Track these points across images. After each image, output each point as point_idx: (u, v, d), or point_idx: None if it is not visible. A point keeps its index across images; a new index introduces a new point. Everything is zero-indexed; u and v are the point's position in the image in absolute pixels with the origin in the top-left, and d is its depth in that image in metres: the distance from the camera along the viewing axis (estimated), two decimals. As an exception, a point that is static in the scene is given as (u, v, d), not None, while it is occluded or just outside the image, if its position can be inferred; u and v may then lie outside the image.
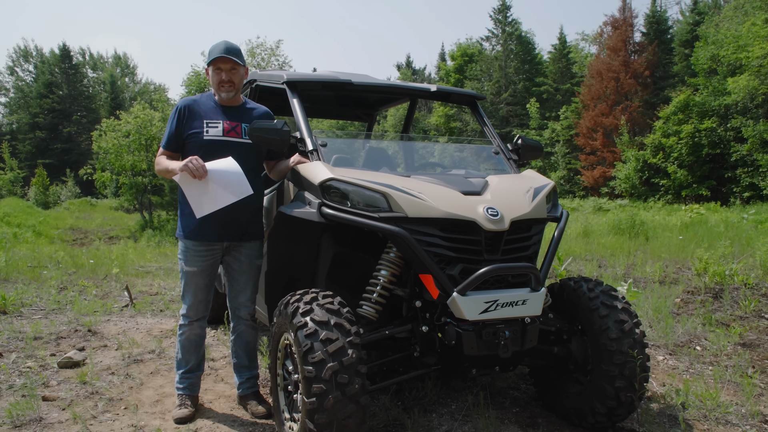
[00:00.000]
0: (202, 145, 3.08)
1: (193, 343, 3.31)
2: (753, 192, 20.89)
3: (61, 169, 40.41)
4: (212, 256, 3.20)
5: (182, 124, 3.12)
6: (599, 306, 2.92)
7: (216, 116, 3.15)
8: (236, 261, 3.28)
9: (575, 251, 9.42)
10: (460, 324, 2.61)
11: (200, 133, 3.09)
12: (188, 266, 3.18)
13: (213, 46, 3.13)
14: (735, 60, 21.35)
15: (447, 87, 3.97)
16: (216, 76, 3.12)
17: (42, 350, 4.40)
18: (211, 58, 3.08)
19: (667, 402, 3.40)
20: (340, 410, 2.32)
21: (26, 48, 54.50)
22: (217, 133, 3.11)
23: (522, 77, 38.63)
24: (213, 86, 3.19)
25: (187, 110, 3.14)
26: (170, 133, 3.13)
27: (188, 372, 3.33)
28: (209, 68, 3.14)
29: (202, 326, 3.33)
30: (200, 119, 3.12)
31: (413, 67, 55.50)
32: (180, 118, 3.12)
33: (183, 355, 3.32)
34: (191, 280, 3.20)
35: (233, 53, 3.09)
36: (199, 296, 3.23)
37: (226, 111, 3.19)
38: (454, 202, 2.67)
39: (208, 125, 3.10)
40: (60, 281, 7.50)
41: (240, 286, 3.32)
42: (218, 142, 3.10)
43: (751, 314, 5.33)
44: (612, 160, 27.69)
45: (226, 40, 3.14)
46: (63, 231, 19.58)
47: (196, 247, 3.15)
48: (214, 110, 3.17)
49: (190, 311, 3.25)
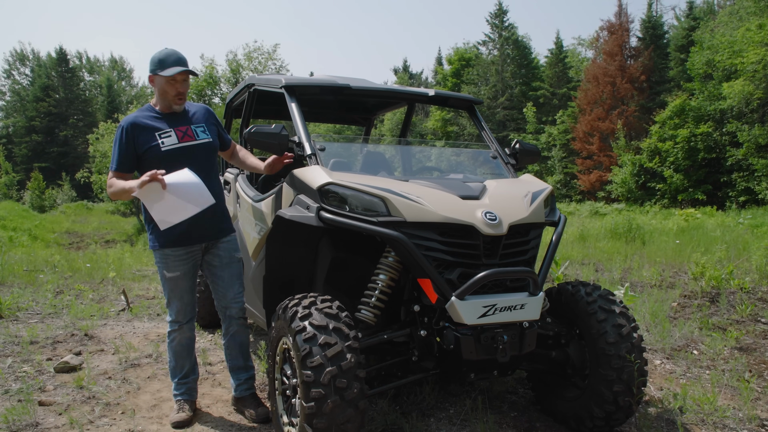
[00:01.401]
0: (161, 157, 3.01)
1: (185, 347, 3.30)
2: (749, 196, 21.03)
3: (57, 172, 40.34)
4: (193, 258, 3.20)
5: (132, 142, 3.01)
6: (597, 310, 2.93)
7: (164, 126, 3.08)
8: (216, 258, 3.26)
9: (572, 255, 9.43)
10: (458, 328, 2.61)
11: (156, 146, 3.02)
12: (170, 272, 3.16)
13: (164, 56, 3.00)
14: (730, 65, 21.49)
15: (444, 91, 3.98)
16: (171, 88, 3.04)
17: (38, 355, 4.37)
18: (171, 72, 2.98)
19: (664, 406, 3.40)
20: (338, 415, 2.31)
21: (23, 51, 54.50)
22: (172, 142, 3.05)
23: (519, 81, 38.80)
24: (165, 97, 3.08)
25: (134, 128, 3.01)
26: (121, 154, 3.01)
27: (184, 378, 3.32)
28: (159, 78, 3.02)
29: (192, 328, 3.33)
30: (150, 132, 3.04)
31: (410, 72, 55.72)
32: (128, 136, 3.01)
33: (176, 361, 3.30)
34: (176, 285, 3.19)
35: (186, 64, 3.03)
36: (185, 299, 3.24)
37: (169, 119, 3.12)
38: (452, 207, 2.68)
39: (161, 136, 3.04)
40: (56, 285, 7.48)
41: (225, 282, 3.29)
42: (177, 150, 3.05)
43: (747, 318, 5.34)
44: (608, 164, 27.81)
45: (174, 48, 3.06)
46: (59, 235, 19.54)
47: (175, 252, 3.12)
48: (159, 121, 3.09)
49: (179, 315, 3.25)
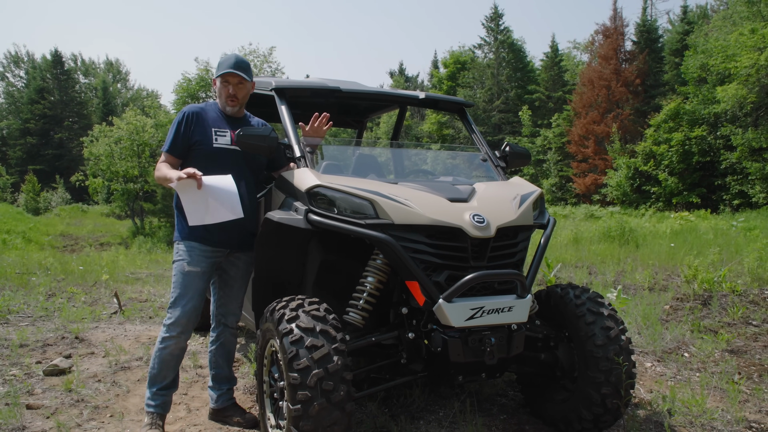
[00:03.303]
0: (210, 153, 3.03)
1: (175, 357, 3.06)
2: (742, 200, 21.13)
3: (51, 175, 40.14)
4: (216, 259, 3.10)
5: (189, 130, 3.04)
6: (586, 313, 2.93)
7: (223, 125, 3.12)
8: (234, 267, 3.22)
9: (565, 258, 9.45)
10: (446, 331, 2.61)
11: (209, 141, 3.05)
12: (191, 266, 2.99)
13: (223, 59, 3.10)
14: (724, 69, 21.60)
15: (435, 94, 3.99)
16: (224, 89, 3.11)
17: (27, 358, 4.35)
18: (221, 72, 3.06)
19: (653, 408, 3.41)
20: (325, 417, 2.31)
21: (17, 53, 54.28)
22: (225, 142, 3.08)
23: (514, 85, 38.86)
24: (220, 98, 3.16)
25: (195, 117, 3.06)
26: (175, 138, 3.03)
27: (163, 389, 3.06)
28: (217, 80, 3.12)
29: (188, 339, 3.09)
30: (208, 127, 3.07)
31: (406, 75, 55.70)
32: (188, 123, 3.04)
33: (160, 370, 3.04)
34: (191, 283, 2.99)
35: (242, 68, 3.07)
36: (195, 301, 3.01)
37: (230, 121, 3.17)
38: (440, 209, 2.68)
39: (216, 134, 3.07)
40: (48, 288, 7.45)
41: (233, 293, 3.26)
42: (227, 150, 3.07)
43: (738, 321, 5.37)
44: (603, 167, 27.87)
45: (237, 54, 3.14)
46: (53, 237, 19.47)
47: (201, 247, 3.02)
48: (220, 120, 3.14)
49: (182, 319, 2.98)
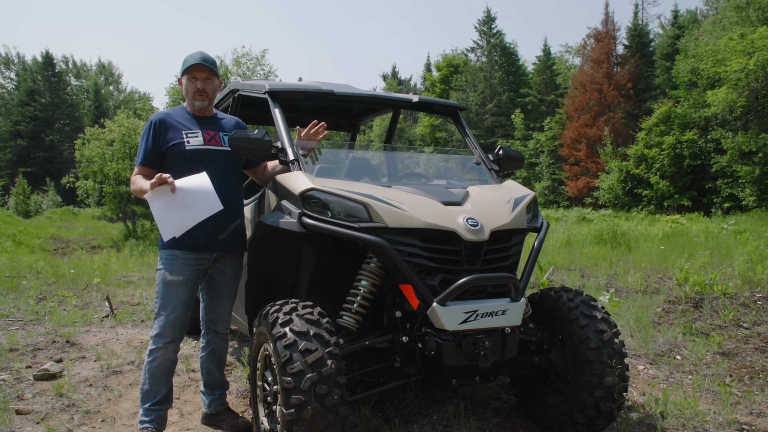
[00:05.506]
0: (184, 156, 2.99)
1: (165, 370, 2.97)
2: (733, 203, 21.32)
3: (42, 177, 39.82)
4: (200, 266, 3.03)
5: (158, 138, 3.00)
6: (579, 316, 2.94)
7: (193, 126, 3.08)
8: (221, 273, 3.16)
9: (558, 261, 9.48)
10: (439, 334, 2.61)
11: (182, 144, 3.00)
12: (173, 275, 2.93)
13: (188, 56, 3.08)
14: (714, 73, 21.81)
15: (428, 98, 4.00)
16: (191, 84, 3.07)
17: (17, 362, 4.31)
18: (187, 66, 3.04)
19: (646, 411, 3.42)
20: (318, 421, 2.30)
21: (7, 55, 53.87)
22: (198, 143, 3.03)
23: (506, 88, 39.03)
24: (187, 95, 3.12)
25: (162, 123, 3.01)
26: (146, 149, 2.99)
27: (157, 404, 2.97)
28: (183, 77, 3.09)
29: (176, 350, 2.99)
30: (178, 130, 3.03)
31: (399, 78, 55.76)
32: (155, 131, 3.00)
33: (152, 385, 2.95)
34: (174, 292, 2.94)
35: (209, 62, 3.07)
36: (179, 311, 2.95)
37: (200, 121, 3.13)
38: (434, 213, 2.68)
39: (188, 135, 3.02)
40: (39, 291, 7.39)
41: (222, 299, 3.21)
42: (201, 151, 3.03)
43: (730, 323, 5.40)
44: (596, 170, 28.03)
45: (202, 51, 3.12)
46: (44, 240, 19.30)
47: (185, 255, 2.96)
48: (189, 121, 3.10)
49: (166, 330, 2.91)
